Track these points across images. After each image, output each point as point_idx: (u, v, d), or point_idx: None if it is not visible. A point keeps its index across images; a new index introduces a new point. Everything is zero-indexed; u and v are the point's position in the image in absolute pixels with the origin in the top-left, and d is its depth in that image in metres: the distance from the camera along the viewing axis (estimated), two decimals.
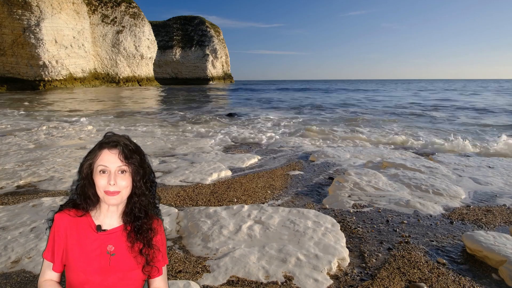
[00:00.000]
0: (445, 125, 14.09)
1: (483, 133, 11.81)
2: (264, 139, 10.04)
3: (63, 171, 5.86)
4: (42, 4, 49.22)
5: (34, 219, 3.63)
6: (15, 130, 11.48)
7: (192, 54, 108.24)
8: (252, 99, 33.48)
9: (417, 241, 3.31)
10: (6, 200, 4.41)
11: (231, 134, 11.03)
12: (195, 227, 3.51)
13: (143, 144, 8.79)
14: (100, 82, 62.22)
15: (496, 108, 21.61)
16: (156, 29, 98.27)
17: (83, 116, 15.98)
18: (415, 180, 5.25)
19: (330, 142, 9.79)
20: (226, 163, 6.62)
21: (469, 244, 3.05)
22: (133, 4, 74.46)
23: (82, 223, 1.27)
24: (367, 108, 22.95)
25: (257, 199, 4.59)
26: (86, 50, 59.06)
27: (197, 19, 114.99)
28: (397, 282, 2.57)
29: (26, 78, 49.39)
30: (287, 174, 5.97)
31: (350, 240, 3.33)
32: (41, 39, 48.81)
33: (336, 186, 5.01)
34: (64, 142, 9.01)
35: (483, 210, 4.18)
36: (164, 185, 5.22)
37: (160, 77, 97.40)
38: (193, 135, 11.02)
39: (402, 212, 4.08)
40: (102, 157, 1.23)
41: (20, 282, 2.56)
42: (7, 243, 3.09)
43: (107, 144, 1.25)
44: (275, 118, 16.45)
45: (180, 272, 2.70)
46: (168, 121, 15.53)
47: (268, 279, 2.59)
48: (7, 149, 7.85)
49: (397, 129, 12.71)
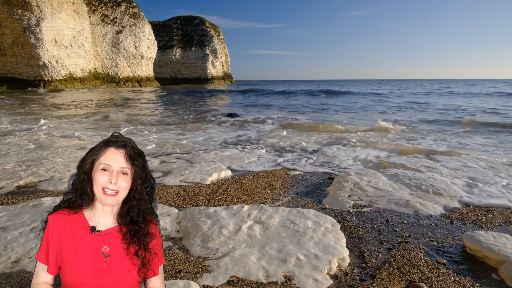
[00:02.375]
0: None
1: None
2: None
3: (63, 171, 5.86)
4: (42, 4, 49.20)
5: (34, 219, 3.63)
6: (15, 130, 11.48)
7: (192, 54, 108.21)
8: (284, 108, 23.15)
9: (417, 241, 3.31)
10: (6, 200, 4.41)
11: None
12: (195, 227, 3.50)
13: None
14: (100, 82, 62.21)
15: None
16: (156, 29, 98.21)
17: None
18: (415, 180, 5.25)
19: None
20: (226, 163, 6.62)
21: (469, 244, 3.05)
22: (133, 4, 74.43)
23: (76, 224, 1.25)
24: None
25: (257, 199, 4.59)
26: (86, 50, 59.03)
27: (197, 19, 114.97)
28: (397, 282, 2.57)
29: (26, 78, 49.39)
30: (287, 174, 5.97)
31: (350, 240, 3.33)
32: (41, 39, 48.80)
33: (336, 186, 5.01)
34: (64, 143, 9.01)
35: (483, 210, 4.18)
36: (164, 185, 5.22)
37: (160, 77, 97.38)
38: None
39: (402, 212, 4.08)
40: (107, 155, 1.23)
41: (20, 282, 2.56)
42: (7, 243, 3.09)
43: (115, 143, 1.25)
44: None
45: (180, 272, 2.70)
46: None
47: (268, 279, 2.59)
48: (7, 149, 7.85)
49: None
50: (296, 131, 12.22)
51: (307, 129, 12.50)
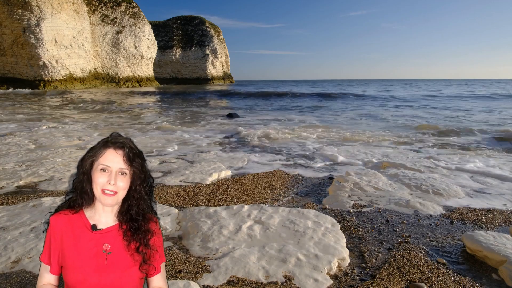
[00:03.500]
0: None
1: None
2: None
3: (63, 171, 5.86)
4: (42, 4, 49.20)
5: (34, 219, 3.63)
6: (15, 130, 11.48)
7: (192, 54, 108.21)
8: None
9: (417, 241, 3.31)
10: (6, 200, 4.41)
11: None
12: (195, 227, 3.50)
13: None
14: (100, 82, 62.21)
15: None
16: (156, 29, 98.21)
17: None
18: (415, 180, 5.25)
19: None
20: (226, 163, 6.62)
21: (469, 244, 3.05)
22: (133, 4, 74.43)
23: (77, 223, 1.27)
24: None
25: (257, 199, 4.59)
26: (86, 50, 59.02)
27: (197, 19, 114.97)
28: (397, 282, 2.57)
29: (26, 78, 49.39)
30: (287, 174, 5.97)
31: (350, 240, 3.33)
32: (41, 39, 48.80)
33: (336, 186, 5.01)
34: (64, 143, 9.01)
35: (483, 210, 4.18)
36: (164, 185, 5.22)
37: (160, 77, 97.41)
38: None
39: (402, 212, 4.07)
40: (106, 156, 1.24)
41: (20, 282, 2.56)
42: (7, 243, 3.09)
43: (113, 144, 1.26)
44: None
45: (180, 272, 2.70)
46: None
47: (268, 279, 2.59)
48: (7, 149, 7.85)
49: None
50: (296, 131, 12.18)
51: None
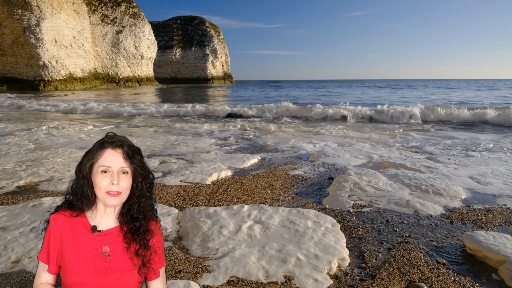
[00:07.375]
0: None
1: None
2: None
3: (63, 171, 5.86)
4: (42, 4, 49.24)
5: (34, 219, 3.63)
6: (15, 130, 11.48)
7: (192, 54, 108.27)
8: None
9: (417, 241, 3.31)
10: (6, 200, 4.41)
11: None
12: (195, 227, 3.50)
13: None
14: (100, 82, 62.24)
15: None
16: (156, 29, 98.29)
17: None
18: (415, 180, 5.24)
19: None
20: (226, 163, 6.62)
21: (469, 244, 3.05)
22: (133, 4, 74.49)
23: (77, 224, 1.25)
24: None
25: (257, 199, 4.59)
26: (86, 50, 59.05)
27: (197, 19, 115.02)
28: (397, 282, 2.57)
29: (26, 78, 49.43)
30: (287, 174, 5.97)
31: (350, 240, 3.33)
32: (41, 39, 48.84)
33: (336, 186, 5.01)
34: (64, 143, 9.01)
35: (483, 210, 4.17)
36: (164, 185, 5.22)
37: (160, 77, 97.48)
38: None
39: (402, 212, 4.08)
40: (105, 157, 1.22)
41: (20, 282, 2.56)
42: (7, 243, 3.09)
43: (110, 144, 1.24)
44: None
45: (180, 272, 2.70)
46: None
47: (268, 279, 2.59)
48: (7, 149, 7.85)
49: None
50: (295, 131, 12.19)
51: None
